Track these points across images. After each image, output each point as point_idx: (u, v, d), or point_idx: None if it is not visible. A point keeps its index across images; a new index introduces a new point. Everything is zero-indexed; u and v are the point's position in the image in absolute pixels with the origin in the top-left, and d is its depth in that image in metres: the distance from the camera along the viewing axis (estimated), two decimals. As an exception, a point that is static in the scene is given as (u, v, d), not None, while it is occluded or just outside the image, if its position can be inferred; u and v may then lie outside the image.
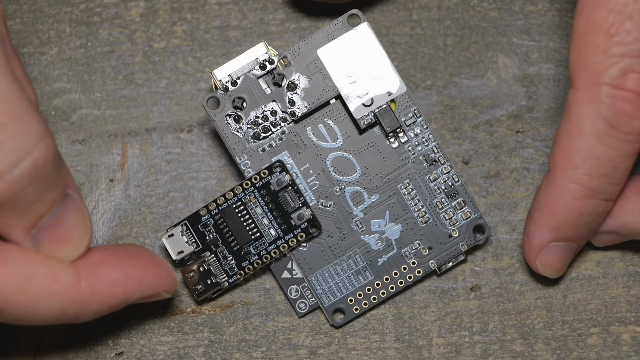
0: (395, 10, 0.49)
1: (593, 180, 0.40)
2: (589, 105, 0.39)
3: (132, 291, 0.41)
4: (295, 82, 0.46)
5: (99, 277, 0.40)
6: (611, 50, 0.39)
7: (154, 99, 0.48)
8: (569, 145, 0.40)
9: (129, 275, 0.41)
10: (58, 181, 0.39)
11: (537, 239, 0.43)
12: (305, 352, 0.46)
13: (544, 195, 0.42)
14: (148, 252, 0.43)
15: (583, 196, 0.41)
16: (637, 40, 0.38)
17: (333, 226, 0.46)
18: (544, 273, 0.44)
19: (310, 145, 0.46)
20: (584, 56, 0.39)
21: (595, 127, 0.39)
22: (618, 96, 0.39)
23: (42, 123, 0.38)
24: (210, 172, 0.48)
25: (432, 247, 0.46)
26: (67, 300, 0.40)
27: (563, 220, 0.42)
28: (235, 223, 0.45)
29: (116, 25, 0.49)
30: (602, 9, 0.39)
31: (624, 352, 0.46)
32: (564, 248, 0.43)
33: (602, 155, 0.40)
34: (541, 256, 0.43)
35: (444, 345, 0.46)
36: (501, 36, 0.49)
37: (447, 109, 0.48)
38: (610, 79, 0.39)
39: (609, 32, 0.39)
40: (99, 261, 0.41)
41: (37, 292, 0.39)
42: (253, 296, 0.47)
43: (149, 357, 0.46)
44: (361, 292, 0.46)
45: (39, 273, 0.39)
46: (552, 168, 0.41)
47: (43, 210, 0.39)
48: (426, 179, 0.46)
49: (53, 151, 0.38)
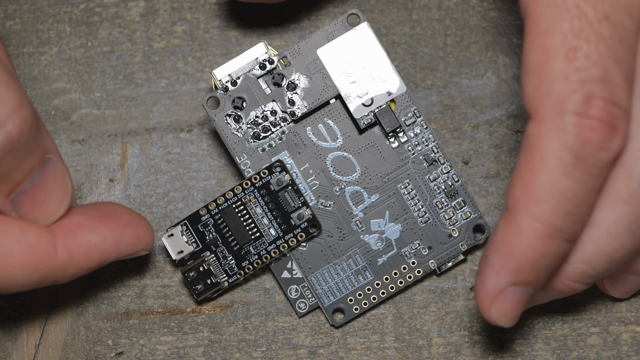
0: (395, 10, 0.49)
1: (557, 218, 0.37)
2: (553, 136, 0.37)
3: (110, 254, 0.42)
4: (295, 82, 0.46)
5: (76, 243, 0.41)
6: (571, 76, 0.37)
7: (154, 99, 0.48)
8: (532, 181, 0.37)
9: (106, 238, 0.41)
10: (36, 148, 0.39)
11: (494, 283, 0.39)
12: (305, 352, 0.46)
13: (502, 236, 0.39)
14: (125, 211, 0.43)
15: (546, 236, 0.38)
16: (597, 64, 0.37)
17: (333, 226, 0.46)
18: (498, 322, 0.40)
19: (310, 145, 0.46)
20: (543, 85, 0.37)
21: (560, 159, 0.37)
22: (584, 125, 0.37)
23: (16, 94, 0.37)
24: (210, 172, 0.48)
25: (432, 247, 0.46)
26: (44, 269, 0.40)
27: (524, 262, 0.38)
28: (235, 223, 0.45)
29: (116, 25, 0.49)
30: (556, 34, 0.37)
31: (624, 352, 0.46)
32: (521, 293, 0.39)
33: (568, 190, 0.37)
34: (497, 303, 0.40)
35: (444, 345, 0.46)
36: (501, 36, 0.49)
37: (447, 109, 0.48)
38: (575, 106, 0.37)
39: (567, 57, 0.37)
40: (75, 226, 0.41)
41: (15, 266, 0.40)
42: (253, 296, 0.47)
43: (149, 357, 0.46)
44: (361, 292, 0.46)
45: (15, 248, 0.39)
46: (512, 206, 0.38)
47: (21, 177, 0.39)
48: (426, 178, 0.46)
49: (29, 121, 0.38)
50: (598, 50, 0.37)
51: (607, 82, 0.37)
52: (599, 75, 0.37)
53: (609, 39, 0.37)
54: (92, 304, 0.47)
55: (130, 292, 0.47)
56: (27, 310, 0.46)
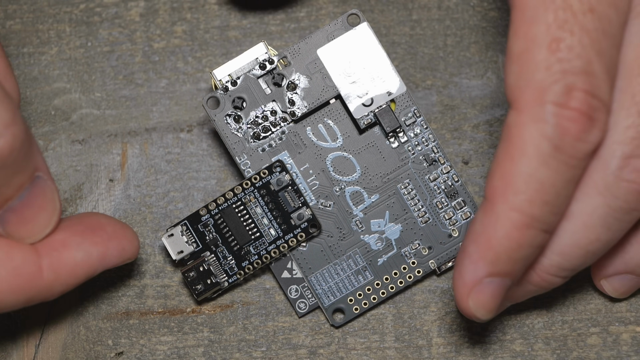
0: (395, 10, 0.49)
1: (535, 208, 0.38)
2: (532, 125, 0.37)
3: (95, 268, 0.42)
4: (295, 82, 0.46)
5: (62, 262, 0.41)
6: (553, 67, 0.37)
7: (154, 99, 0.48)
8: (510, 170, 0.38)
9: (91, 253, 0.41)
10: (26, 165, 0.39)
11: (471, 273, 0.39)
12: (305, 352, 0.46)
13: (480, 226, 0.39)
14: (109, 222, 0.43)
15: (523, 225, 0.38)
16: (579, 56, 0.37)
17: (333, 226, 0.46)
18: (475, 314, 0.40)
19: (310, 145, 0.46)
20: (524, 75, 0.37)
21: (539, 149, 0.37)
22: (563, 115, 0.37)
23: (9, 110, 0.37)
24: (210, 172, 0.48)
25: (432, 247, 0.46)
26: (31, 290, 0.40)
27: (501, 252, 0.38)
28: (235, 223, 0.45)
29: (116, 25, 0.49)
30: (540, 24, 0.37)
31: (624, 352, 0.46)
32: (498, 284, 0.39)
33: (545, 179, 0.37)
34: (474, 294, 0.40)
35: (444, 345, 0.46)
36: (501, 36, 0.49)
37: (447, 109, 0.48)
38: (555, 96, 0.37)
39: (550, 48, 0.37)
40: (60, 244, 0.41)
41: (2, 289, 0.40)
42: (253, 296, 0.47)
43: (149, 357, 0.46)
44: (361, 292, 0.46)
45: (1, 272, 0.39)
46: (490, 196, 0.38)
47: (9, 194, 0.39)
48: (426, 178, 0.46)
49: (20, 138, 0.37)
50: (581, 42, 0.37)
51: (588, 74, 0.37)
52: (580, 67, 0.37)
53: (592, 31, 0.37)
54: (92, 304, 0.47)
55: (130, 292, 0.47)
56: (27, 311, 0.46)
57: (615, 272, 0.44)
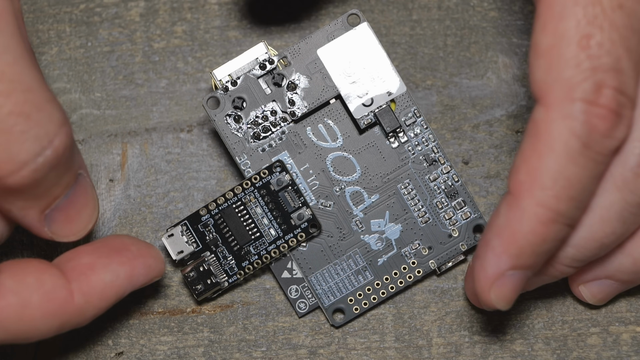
0: (395, 10, 0.49)
1: (561, 204, 0.38)
2: (561, 122, 0.37)
3: (125, 288, 0.42)
4: (295, 82, 0.46)
5: (91, 286, 0.41)
6: (583, 64, 0.37)
7: (154, 99, 0.48)
8: (538, 166, 0.38)
9: (118, 274, 0.41)
10: (72, 164, 0.40)
11: (494, 266, 0.39)
12: (305, 352, 0.46)
13: (505, 220, 0.39)
14: (133, 243, 0.43)
15: (549, 221, 0.38)
16: (609, 53, 0.37)
17: (333, 226, 0.46)
18: (496, 305, 0.41)
19: (310, 145, 0.46)
20: (553, 71, 0.37)
21: (567, 145, 0.37)
22: (592, 113, 0.37)
23: (61, 110, 0.38)
24: (210, 172, 0.48)
25: (432, 247, 0.46)
26: (63, 316, 0.40)
27: (525, 246, 0.39)
28: (235, 223, 0.45)
29: (116, 25, 0.49)
30: (569, 20, 0.37)
31: (624, 352, 0.46)
32: (519, 277, 0.40)
33: (573, 176, 0.38)
34: (496, 287, 0.40)
35: (444, 345, 0.46)
36: (501, 36, 0.49)
37: (447, 109, 0.48)
38: (584, 94, 0.37)
39: (580, 45, 0.37)
40: (87, 268, 0.41)
41: (34, 317, 0.39)
42: (253, 296, 0.47)
43: (149, 357, 0.46)
44: (361, 292, 0.46)
45: (33, 298, 0.39)
46: (515, 190, 0.38)
47: (59, 192, 0.40)
48: (426, 179, 0.46)
49: (72, 137, 0.39)
50: (611, 38, 0.37)
51: (617, 71, 0.37)
52: (610, 64, 0.37)
53: (622, 27, 0.37)
54: (92, 304, 0.47)
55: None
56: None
57: (594, 277, 0.44)
